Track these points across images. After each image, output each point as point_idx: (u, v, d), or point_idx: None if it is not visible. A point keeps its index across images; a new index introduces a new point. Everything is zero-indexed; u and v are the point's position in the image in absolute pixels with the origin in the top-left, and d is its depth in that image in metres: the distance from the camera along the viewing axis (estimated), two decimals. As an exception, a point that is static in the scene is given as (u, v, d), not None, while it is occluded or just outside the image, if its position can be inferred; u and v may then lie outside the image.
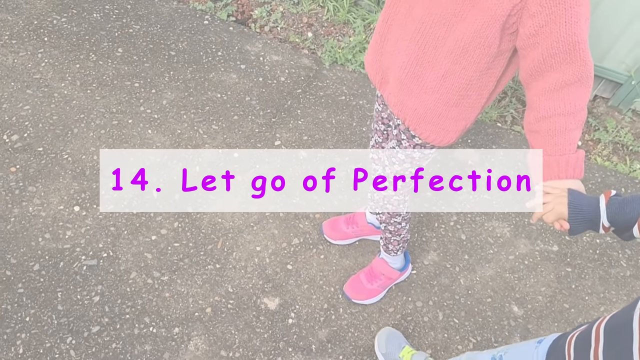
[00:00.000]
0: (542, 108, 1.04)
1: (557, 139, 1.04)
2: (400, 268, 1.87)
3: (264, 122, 2.40)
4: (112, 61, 2.51)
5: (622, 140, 2.72)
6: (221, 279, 1.89)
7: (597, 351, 0.83)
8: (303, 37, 2.88)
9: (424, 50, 1.15)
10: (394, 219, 1.65)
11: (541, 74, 1.03)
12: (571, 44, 0.96)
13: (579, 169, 1.05)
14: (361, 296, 1.86)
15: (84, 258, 1.87)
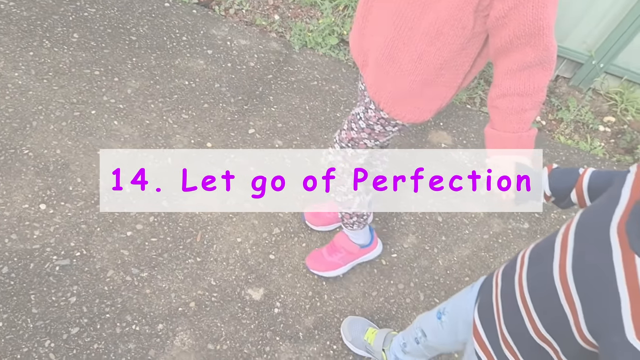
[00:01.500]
0: (503, 85, 1.09)
1: (513, 117, 1.10)
2: (363, 245, 1.85)
3: (235, 109, 2.34)
4: (68, 48, 2.37)
5: (582, 119, 2.83)
6: (203, 272, 1.85)
7: (521, 274, 0.88)
8: (270, 20, 2.81)
9: (400, 32, 1.15)
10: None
11: (506, 53, 1.06)
12: (536, 28, 0.98)
13: (528, 146, 1.12)
14: (320, 267, 1.85)
15: (56, 258, 1.78)
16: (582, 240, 0.73)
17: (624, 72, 2.86)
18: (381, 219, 2.12)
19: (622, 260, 0.64)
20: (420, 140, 2.45)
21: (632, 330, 0.58)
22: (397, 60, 1.20)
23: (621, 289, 0.62)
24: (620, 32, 2.65)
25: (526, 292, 0.85)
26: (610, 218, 0.70)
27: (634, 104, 2.91)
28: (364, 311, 1.87)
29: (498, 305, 0.95)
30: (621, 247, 0.65)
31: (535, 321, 0.81)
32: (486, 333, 0.98)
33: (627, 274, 0.62)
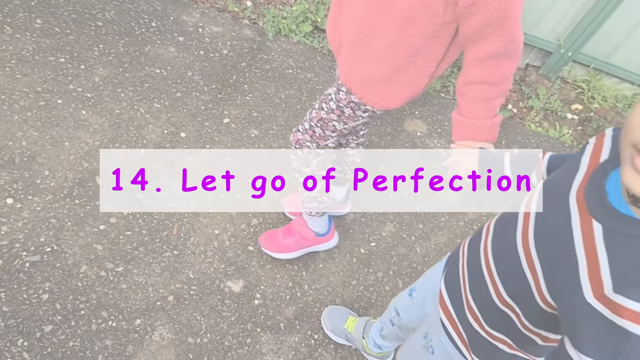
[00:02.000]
0: (470, 73, 1.12)
1: (478, 104, 1.13)
2: (319, 233, 1.84)
3: (209, 98, 2.29)
4: (31, 34, 2.26)
5: (551, 107, 2.89)
6: (180, 265, 1.81)
7: (486, 243, 0.92)
8: (242, 6, 2.75)
9: (372, 17, 1.16)
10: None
11: (474, 42, 1.08)
12: (502, 17, 1.00)
13: (492, 133, 1.16)
14: (272, 247, 1.84)
15: (25, 254, 1.71)
16: (544, 209, 0.76)
17: (590, 60, 2.93)
18: (359, 208, 2.12)
19: (580, 225, 0.67)
20: (396, 129, 2.46)
21: (590, 291, 0.61)
22: (369, 45, 1.20)
23: (579, 252, 0.65)
24: (587, 22, 2.71)
25: (491, 260, 0.88)
26: (570, 186, 0.73)
27: (600, 91, 2.99)
28: (344, 300, 1.87)
29: (464, 274, 0.98)
30: (580, 212, 0.68)
31: (498, 287, 0.85)
32: (452, 302, 1.02)
33: (585, 238, 0.65)
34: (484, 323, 0.93)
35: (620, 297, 0.58)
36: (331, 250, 1.97)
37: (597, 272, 0.62)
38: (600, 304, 0.60)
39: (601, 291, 0.60)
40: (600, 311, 0.60)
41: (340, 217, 2.07)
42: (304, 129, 1.51)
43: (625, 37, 2.78)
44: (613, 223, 0.63)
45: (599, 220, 0.64)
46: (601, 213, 0.65)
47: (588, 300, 0.61)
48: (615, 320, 0.59)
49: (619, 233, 0.62)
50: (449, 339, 1.04)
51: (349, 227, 2.06)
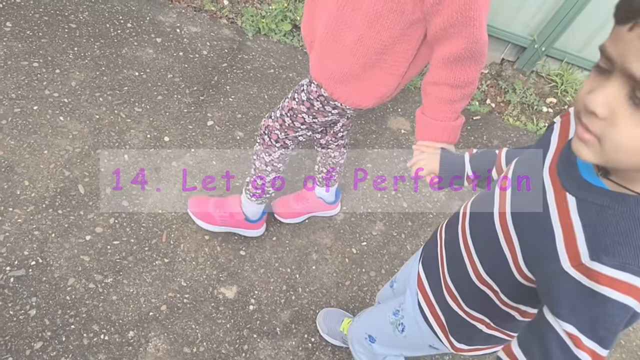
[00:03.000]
0: (435, 74, 1.14)
1: (441, 106, 1.15)
2: (249, 218, 1.82)
3: (191, 100, 2.24)
4: (1, 38, 2.16)
5: (527, 100, 2.96)
6: (172, 273, 1.77)
7: (464, 223, 0.94)
8: (219, 6, 2.70)
9: (343, 12, 1.15)
10: (262, 155, 1.59)
11: (440, 42, 1.09)
12: (467, 18, 1.01)
13: (453, 135, 1.19)
14: (198, 213, 1.81)
15: (9, 269, 1.64)
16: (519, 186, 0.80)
17: (563, 55, 3.00)
18: (349, 208, 2.12)
19: (555, 199, 0.70)
20: (381, 127, 2.46)
21: (567, 260, 0.64)
22: (340, 40, 1.20)
23: (555, 224, 0.68)
24: (560, 17, 2.77)
25: (469, 238, 0.91)
26: (542, 163, 0.77)
27: (573, 85, 3.08)
28: (338, 301, 1.87)
29: (442, 255, 1.00)
30: (553, 187, 0.71)
31: (477, 266, 0.87)
32: (429, 284, 1.05)
33: (560, 211, 0.68)
34: (462, 303, 0.95)
35: (597, 264, 0.61)
36: (323, 252, 1.97)
37: (573, 242, 0.64)
38: (577, 272, 0.63)
39: (578, 260, 0.63)
40: (578, 279, 0.63)
41: (331, 218, 2.07)
42: (275, 116, 1.50)
43: (596, 31, 2.86)
44: (585, 195, 0.66)
45: (572, 193, 0.68)
46: (573, 186, 0.68)
47: (565, 269, 0.64)
48: (592, 287, 0.61)
49: (592, 204, 0.65)
50: (425, 321, 1.07)
51: (340, 227, 2.06)
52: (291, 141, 1.53)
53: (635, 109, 0.55)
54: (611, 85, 0.56)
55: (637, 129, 0.55)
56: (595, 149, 0.60)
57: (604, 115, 0.57)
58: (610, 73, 0.57)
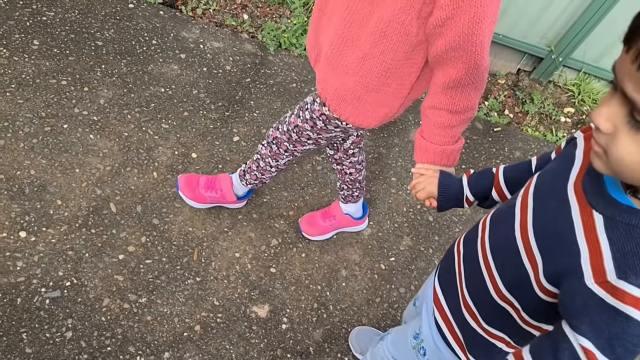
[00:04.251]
0: (435, 98, 1.12)
1: (440, 130, 1.14)
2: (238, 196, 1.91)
3: (217, 116, 2.25)
4: (30, 56, 2.18)
5: (546, 110, 2.96)
6: (204, 292, 1.78)
7: (483, 237, 0.92)
8: (239, 20, 2.72)
9: (350, 28, 1.15)
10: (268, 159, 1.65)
11: (441, 66, 1.07)
12: (470, 43, 1.00)
13: (452, 158, 1.18)
14: (188, 194, 1.89)
15: (44, 290, 1.65)
16: (542, 200, 0.79)
17: (581, 65, 3.01)
18: (375, 223, 2.13)
19: (580, 215, 0.69)
20: (403, 140, 2.47)
21: (591, 277, 0.64)
22: (345, 57, 1.19)
23: (580, 241, 0.67)
24: (578, 28, 2.78)
25: (488, 253, 0.89)
26: (567, 178, 0.75)
27: (590, 94, 3.08)
28: (370, 319, 1.87)
29: (460, 270, 0.99)
30: (579, 203, 0.71)
31: (496, 281, 0.86)
32: (447, 300, 1.03)
33: (586, 228, 0.68)
34: (481, 320, 0.93)
35: (623, 283, 0.61)
36: (352, 268, 1.97)
37: (599, 260, 0.64)
38: (601, 289, 0.63)
39: (603, 277, 0.63)
40: (601, 296, 0.63)
41: (358, 233, 2.07)
42: (282, 130, 1.53)
43: (614, 42, 2.87)
44: (613, 213, 0.66)
45: (599, 210, 0.67)
46: (601, 204, 0.68)
47: (589, 285, 0.64)
48: (616, 305, 0.61)
49: (620, 222, 0.64)
50: (442, 339, 1.04)
51: (367, 242, 2.06)
52: (300, 153, 1.57)
53: (631, 128, 0.57)
54: (615, 102, 0.58)
55: (635, 147, 0.57)
56: (604, 161, 0.62)
57: (605, 130, 0.59)
58: (616, 90, 0.59)
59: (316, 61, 1.34)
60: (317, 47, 1.31)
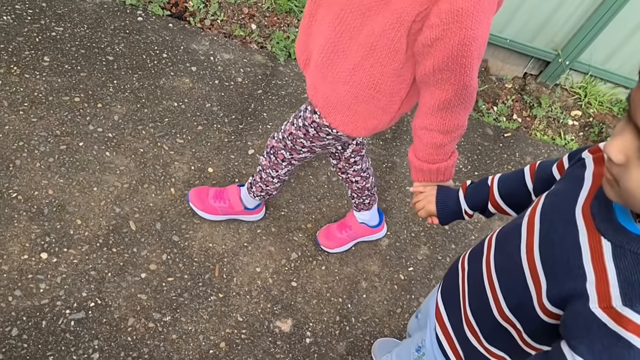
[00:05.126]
0: (425, 120, 1.12)
1: (433, 150, 1.15)
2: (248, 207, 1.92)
3: (231, 130, 2.25)
4: (41, 73, 2.17)
5: (553, 114, 2.98)
6: (228, 308, 1.78)
7: (489, 256, 0.91)
8: (248, 30, 2.72)
9: (340, 38, 1.14)
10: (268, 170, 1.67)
11: (429, 87, 1.07)
12: (459, 65, 0.99)
13: (448, 174, 1.20)
14: (198, 205, 1.92)
15: (69, 312, 1.65)
16: (549, 222, 0.78)
17: (587, 68, 3.02)
18: (392, 233, 2.14)
19: (588, 241, 0.69)
20: (415, 148, 2.47)
21: (596, 301, 0.64)
22: (336, 65, 1.19)
23: (587, 266, 0.67)
24: (585, 32, 2.79)
25: (493, 272, 0.88)
26: (575, 201, 0.75)
27: (597, 97, 3.10)
28: (391, 330, 1.88)
29: (464, 288, 0.98)
30: (587, 228, 0.70)
31: (500, 301, 0.85)
32: (449, 316, 1.02)
33: (593, 254, 0.67)
34: (483, 339, 0.93)
35: (628, 311, 0.61)
36: (372, 279, 1.98)
37: (605, 286, 0.64)
38: (604, 314, 0.63)
39: (608, 302, 0.63)
40: (604, 320, 0.62)
41: (376, 244, 2.08)
42: (278, 138, 1.55)
43: (621, 44, 2.88)
44: (622, 241, 0.65)
45: (608, 237, 0.67)
46: (609, 231, 0.67)
47: (592, 309, 0.64)
48: (618, 331, 0.61)
49: (628, 251, 0.64)
50: (443, 354, 1.04)
51: (386, 253, 2.07)
52: (297, 161, 1.58)
53: None
54: (628, 134, 0.58)
55: None
56: (615, 190, 0.62)
57: (618, 161, 0.59)
58: (630, 121, 0.58)
59: (305, 65, 1.33)
60: (306, 52, 1.30)
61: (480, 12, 0.93)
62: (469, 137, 2.63)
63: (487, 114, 2.83)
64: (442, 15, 0.93)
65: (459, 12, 0.92)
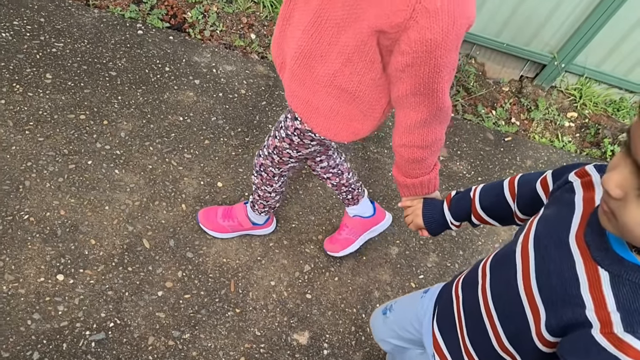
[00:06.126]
0: (403, 137, 1.14)
1: (414, 165, 1.18)
2: (256, 223, 1.94)
3: (238, 143, 2.26)
4: (44, 91, 2.16)
5: (550, 116, 3.03)
6: (245, 323, 1.80)
7: (484, 285, 0.90)
8: (248, 40, 2.72)
9: (318, 44, 1.13)
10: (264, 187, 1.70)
11: (403, 108, 1.09)
12: (431, 91, 1.01)
13: (432, 186, 1.22)
14: (208, 225, 1.94)
15: (89, 333, 1.65)
16: (543, 249, 0.77)
17: (582, 70, 3.08)
18: (402, 241, 2.17)
19: (585, 271, 0.69)
20: (419, 155, 2.50)
21: (598, 328, 0.64)
22: (314, 70, 1.18)
23: (585, 296, 0.67)
24: (581, 35, 2.85)
25: (490, 302, 0.87)
26: (568, 228, 0.74)
27: (591, 98, 3.16)
28: (406, 338, 1.91)
29: (460, 316, 0.97)
30: (582, 257, 0.70)
31: (498, 332, 0.84)
32: (447, 346, 1.02)
33: (591, 283, 0.67)
34: None
35: (629, 337, 0.61)
36: (384, 289, 2.01)
37: (605, 313, 0.65)
38: (605, 339, 0.63)
39: (609, 329, 0.63)
40: (603, 345, 0.63)
41: (386, 253, 2.11)
42: (265, 154, 1.56)
43: (615, 47, 2.94)
44: (619, 270, 0.65)
45: (605, 267, 0.67)
46: (606, 260, 0.67)
47: (593, 335, 0.64)
48: (618, 356, 0.62)
49: (627, 280, 0.64)
50: None
51: (396, 262, 2.10)
52: (287, 171, 1.61)
53: None
54: (627, 169, 0.57)
55: None
56: (613, 223, 0.62)
57: (616, 196, 0.58)
58: (628, 154, 0.58)
59: (281, 68, 1.32)
60: (282, 55, 1.30)
61: (449, 42, 0.94)
62: (471, 142, 2.67)
63: (487, 118, 2.87)
64: (411, 44, 0.95)
65: (428, 43, 0.93)
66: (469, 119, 2.81)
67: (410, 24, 0.92)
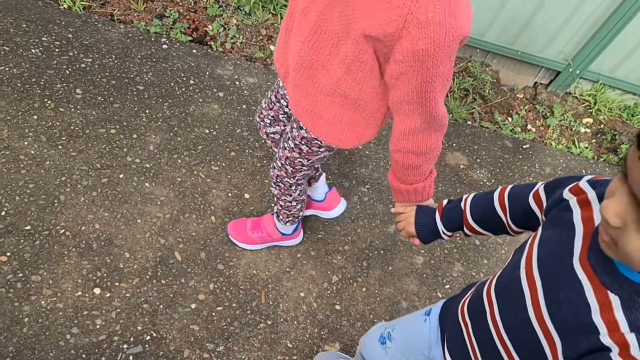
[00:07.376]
0: (399, 144, 1.15)
1: (409, 171, 1.19)
2: (285, 233, 1.97)
3: (263, 154, 2.30)
4: (75, 106, 2.20)
5: (566, 122, 3.06)
6: (277, 335, 1.83)
7: (493, 313, 0.88)
8: (267, 52, 2.76)
9: (319, 55, 1.15)
10: (284, 197, 1.73)
11: (399, 114, 1.11)
12: (424, 99, 1.03)
13: (426, 193, 1.23)
14: (237, 237, 1.98)
15: (127, 347, 1.69)
16: (549, 276, 0.76)
17: (597, 76, 3.11)
18: (426, 250, 2.20)
19: (595, 296, 0.68)
20: (440, 164, 2.54)
21: (617, 351, 0.64)
22: (317, 79, 1.20)
23: (598, 323, 0.67)
24: (596, 42, 2.87)
25: (503, 332, 0.85)
26: (571, 252, 0.73)
27: (606, 103, 3.19)
28: (434, 347, 1.94)
29: (473, 344, 0.95)
30: (590, 282, 0.69)
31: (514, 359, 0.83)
32: None
33: (602, 309, 0.67)
34: None
35: None
36: (412, 299, 2.04)
37: (620, 336, 0.64)
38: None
39: (627, 351, 0.63)
40: None
41: (412, 263, 2.14)
42: (278, 166, 1.59)
43: (629, 53, 2.97)
44: (630, 293, 0.65)
45: (615, 292, 0.66)
46: (615, 284, 0.66)
47: (612, 358, 0.64)
48: None
49: (638, 303, 0.64)
50: None
51: (422, 271, 2.13)
52: (303, 179, 1.64)
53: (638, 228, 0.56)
54: (625, 198, 0.57)
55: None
56: (614, 250, 0.62)
57: (615, 225, 0.58)
58: (625, 181, 0.57)
59: (285, 77, 1.34)
60: (285, 65, 1.32)
61: (441, 52, 0.95)
62: (490, 150, 2.70)
63: (504, 126, 2.90)
64: (404, 53, 0.97)
65: (419, 53, 0.95)
66: (486, 126, 2.84)
67: (403, 33, 0.95)
